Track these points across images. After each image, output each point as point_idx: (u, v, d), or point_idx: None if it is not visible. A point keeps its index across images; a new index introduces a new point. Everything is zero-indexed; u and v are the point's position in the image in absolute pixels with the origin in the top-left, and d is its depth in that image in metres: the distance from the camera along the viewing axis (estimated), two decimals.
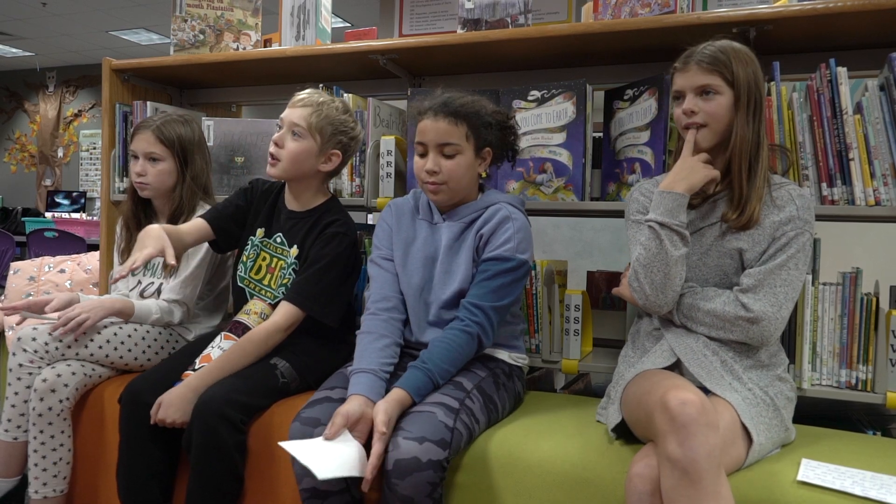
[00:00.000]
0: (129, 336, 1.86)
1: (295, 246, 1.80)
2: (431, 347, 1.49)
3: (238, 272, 1.85)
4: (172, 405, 1.55)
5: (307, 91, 1.78)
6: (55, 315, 1.79)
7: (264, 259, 1.83)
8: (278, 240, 1.83)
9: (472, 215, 1.61)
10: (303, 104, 1.74)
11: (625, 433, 1.42)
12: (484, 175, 1.65)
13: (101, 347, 1.81)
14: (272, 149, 1.75)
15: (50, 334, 1.76)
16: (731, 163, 1.44)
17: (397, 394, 1.39)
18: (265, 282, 1.82)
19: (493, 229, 1.57)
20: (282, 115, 1.77)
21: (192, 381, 1.59)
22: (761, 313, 1.37)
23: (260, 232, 1.85)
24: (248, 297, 1.81)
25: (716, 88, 1.42)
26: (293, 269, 1.79)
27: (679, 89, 1.47)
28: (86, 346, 1.79)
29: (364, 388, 1.42)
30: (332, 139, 1.77)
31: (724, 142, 1.45)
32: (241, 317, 1.74)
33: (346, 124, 1.79)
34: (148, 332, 1.90)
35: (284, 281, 1.79)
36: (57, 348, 1.76)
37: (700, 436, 1.12)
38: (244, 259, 1.85)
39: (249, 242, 1.85)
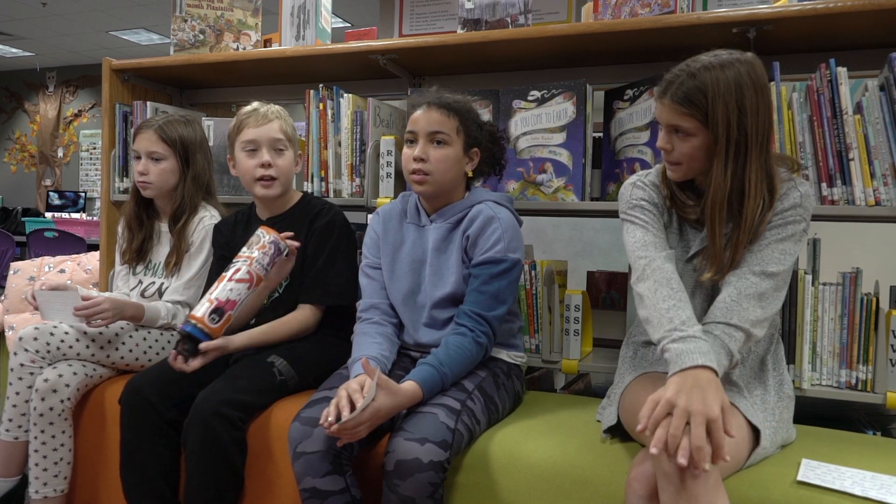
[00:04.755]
0: (131, 336, 1.86)
1: None
2: (448, 352, 1.47)
3: None
4: (211, 352, 1.58)
5: (255, 105, 1.80)
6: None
7: None
8: None
9: (458, 215, 1.61)
10: (268, 119, 1.77)
11: (621, 433, 1.42)
12: (470, 174, 1.64)
13: (102, 348, 1.81)
14: (266, 171, 1.76)
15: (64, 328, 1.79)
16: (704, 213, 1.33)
17: (411, 386, 1.39)
18: None
19: (479, 230, 1.56)
20: (250, 137, 1.76)
21: (234, 338, 1.62)
22: (777, 270, 1.30)
23: None
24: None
25: (688, 131, 1.30)
26: None
27: (657, 119, 1.36)
28: (87, 347, 1.79)
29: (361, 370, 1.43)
30: (297, 141, 1.86)
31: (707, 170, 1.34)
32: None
33: (294, 125, 1.86)
34: (149, 332, 1.90)
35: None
36: (58, 348, 1.76)
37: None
38: None
39: None
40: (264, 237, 1.62)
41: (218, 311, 1.55)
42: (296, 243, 1.67)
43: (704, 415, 1.11)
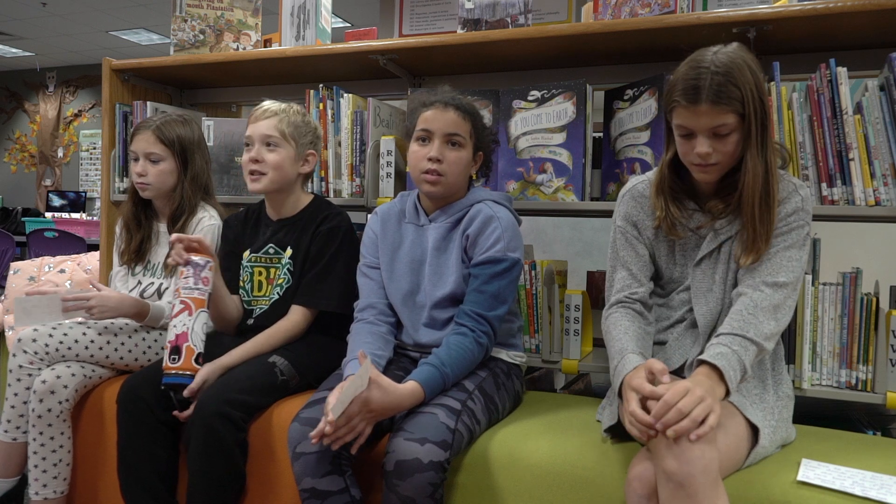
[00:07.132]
0: (130, 337, 1.86)
1: (288, 247, 1.83)
2: (450, 352, 1.46)
3: (242, 297, 1.87)
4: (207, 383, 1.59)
5: (265, 103, 1.81)
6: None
7: (260, 274, 1.85)
8: (271, 251, 1.84)
9: (458, 214, 1.60)
10: (266, 116, 1.78)
11: (621, 433, 1.42)
12: (474, 177, 1.66)
13: (101, 348, 1.81)
14: (253, 166, 1.77)
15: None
16: (741, 203, 1.33)
17: (411, 386, 1.39)
18: (266, 293, 1.84)
19: (479, 230, 1.56)
20: (247, 134, 1.79)
21: (222, 360, 1.64)
22: (788, 280, 1.32)
23: (246, 254, 1.88)
24: (260, 311, 1.84)
25: (731, 127, 1.28)
26: (288, 269, 1.81)
27: (688, 127, 1.31)
28: (86, 347, 1.79)
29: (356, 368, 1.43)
30: (304, 140, 1.83)
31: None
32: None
33: (309, 125, 1.85)
34: (148, 332, 1.90)
35: (280, 281, 1.82)
36: (57, 349, 1.76)
37: (696, 450, 1.11)
38: (242, 284, 1.87)
39: (240, 267, 1.88)
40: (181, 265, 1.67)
41: (175, 351, 1.60)
42: (211, 259, 1.67)
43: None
